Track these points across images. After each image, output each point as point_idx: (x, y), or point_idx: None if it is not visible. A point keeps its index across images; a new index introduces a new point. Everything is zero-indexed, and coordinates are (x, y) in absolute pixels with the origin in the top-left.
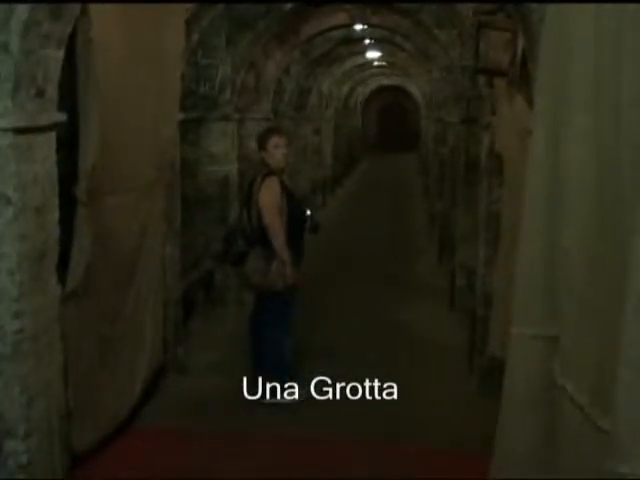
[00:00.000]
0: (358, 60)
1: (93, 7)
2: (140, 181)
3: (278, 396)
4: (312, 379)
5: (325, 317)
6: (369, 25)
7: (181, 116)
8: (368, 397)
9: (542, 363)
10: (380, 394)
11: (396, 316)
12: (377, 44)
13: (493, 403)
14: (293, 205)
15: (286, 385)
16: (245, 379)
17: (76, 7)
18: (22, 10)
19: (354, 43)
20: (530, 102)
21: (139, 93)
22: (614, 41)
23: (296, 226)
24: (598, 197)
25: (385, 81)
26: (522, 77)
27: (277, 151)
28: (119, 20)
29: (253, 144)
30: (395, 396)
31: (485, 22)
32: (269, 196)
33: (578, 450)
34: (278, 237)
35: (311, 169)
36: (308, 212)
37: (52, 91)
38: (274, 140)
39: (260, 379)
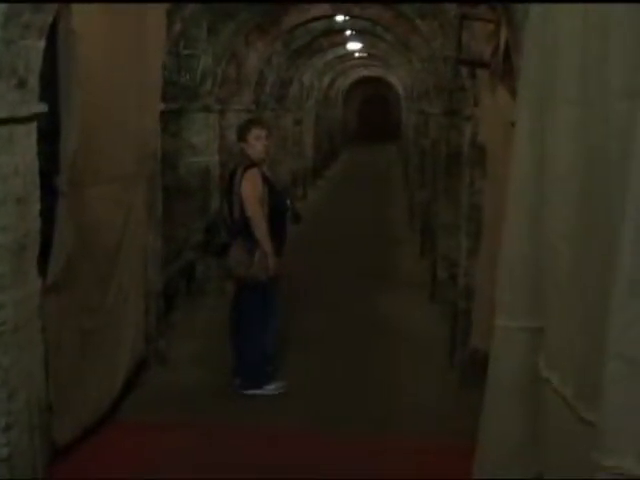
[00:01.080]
0: (339, 51)
1: None
2: (122, 172)
3: (259, 388)
4: (293, 371)
5: (306, 309)
6: (350, 16)
7: (162, 107)
8: (349, 390)
9: (527, 355)
10: (361, 386)
11: (377, 308)
12: (358, 35)
13: (475, 396)
14: (274, 196)
15: (267, 377)
16: (227, 371)
17: None
18: None
19: (335, 34)
20: (513, 94)
21: (120, 84)
22: (601, 31)
23: (278, 217)
24: (584, 191)
25: (366, 72)
26: (505, 68)
27: (258, 143)
28: (100, 10)
29: (234, 135)
30: (377, 389)
31: (468, 13)
32: (250, 188)
33: (563, 443)
34: (260, 228)
35: (292, 160)
36: (289, 203)
37: (33, 81)
38: (255, 132)
39: (241, 370)
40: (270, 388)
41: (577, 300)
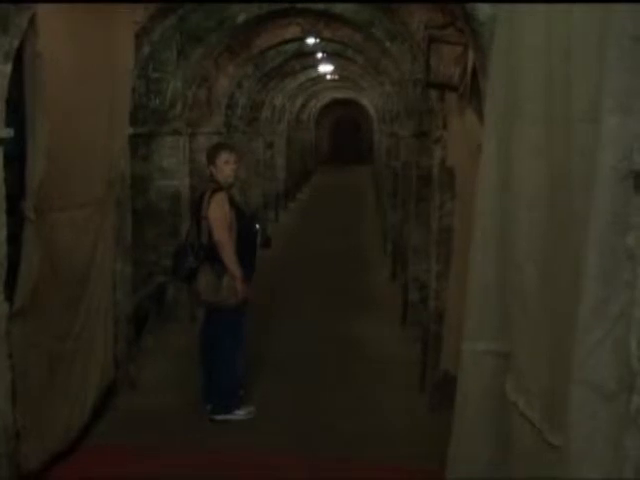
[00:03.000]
0: (311, 74)
1: (41, 20)
2: (90, 197)
3: (230, 413)
4: (263, 395)
5: (276, 333)
6: (321, 39)
7: (131, 130)
8: (319, 414)
9: (494, 379)
10: (331, 410)
11: (348, 331)
12: (329, 58)
13: (446, 419)
14: (243, 220)
15: (238, 401)
16: (197, 396)
17: (24, 20)
18: None
19: (306, 57)
20: (481, 116)
21: (88, 107)
22: (564, 55)
23: (247, 241)
24: (550, 212)
25: (338, 95)
26: (473, 91)
27: (226, 167)
28: (68, 34)
29: (204, 158)
30: (347, 412)
31: (436, 36)
32: (218, 212)
33: (530, 465)
34: (228, 252)
35: (264, 183)
36: (258, 227)
37: None
38: (223, 156)
39: (213, 396)
40: (241, 413)
41: (543, 323)
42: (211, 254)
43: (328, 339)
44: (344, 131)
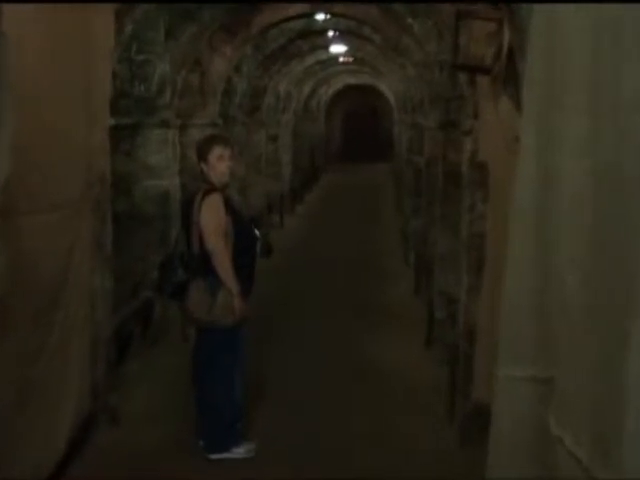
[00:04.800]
0: (320, 55)
1: None
2: (64, 198)
3: (227, 451)
4: (266, 429)
5: (281, 356)
6: (332, 15)
7: (113, 122)
8: (332, 450)
9: (534, 410)
10: (347, 446)
11: (364, 354)
12: (342, 37)
13: (478, 455)
14: (241, 226)
15: (236, 437)
16: (189, 430)
17: None
18: None
19: (315, 36)
20: (518, 104)
21: (62, 96)
22: (614, 37)
23: (245, 250)
24: (597, 215)
25: (352, 80)
26: (509, 74)
27: (220, 164)
28: (37, 12)
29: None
30: (365, 448)
31: (466, 11)
32: (211, 216)
33: None
34: (223, 264)
35: (266, 183)
36: (257, 233)
37: None
38: (217, 150)
39: (206, 430)
40: (239, 451)
41: (591, 344)
42: (204, 266)
43: (341, 363)
44: (359, 122)
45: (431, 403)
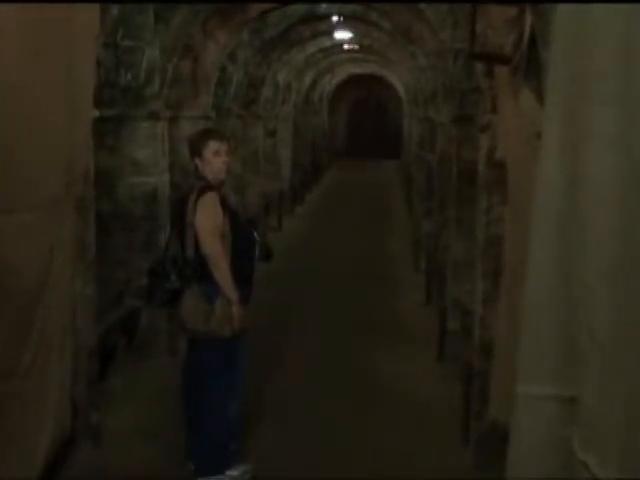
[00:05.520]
0: (324, 42)
1: None
2: (43, 197)
3: (220, 473)
4: (264, 450)
5: (280, 370)
6: None
7: (96, 114)
8: (338, 475)
9: (556, 431)
10: (353, 470)
11: (371, 369)
12: (347, 22)
13: (494, 479)
14: (238, 227)
15: (230, 458)
16: (178, 451)
17: None
18: None
19: (318, 21)
20: (541, 96)
21: (40, 85)
22: None
23: (243, 254)
24: (629, 217)
25: (358, 69)
26: (530, 65)
27: (216, 159)
28: None
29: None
30: (373, 473)
31: None
32: (207, 217)
33: None
34: (221, 269)
35: (264, 181)
36: (256, 236)
37: None
38: (212, 145)
39: (197, 451)
40: (233, 474)
41: (619, 360)
42: (199, 271)
43: (344, 379)
44: (365, 116)
45: (444, 422)
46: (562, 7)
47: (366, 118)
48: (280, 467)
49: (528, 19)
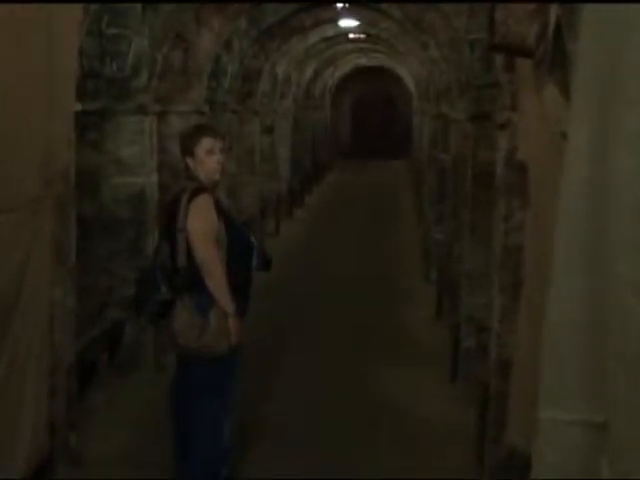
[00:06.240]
0: (327, 31)
1: None
2: (19, 198)
3: None
4: (258, 477)
5: (279, 388)
6: None
7: (79, 107)
8: None
9: (583, 460)
10: None
11: (376, 390)
12: (353, 9)
13: None
14: (234, 233)
15: None
16: (166, 475)
17: None
18: None
19: (321, 8)
20: (567, 92)
21: (20, 76)
22: None
23: (239, 262)
24: None
25: (364, 61)
26: (555, 57)
27: (210, 158)
28: None
29: (179, 147)
30: None
31: None
32: (201, 222)
33: None
34: (216, 278)
35: (260, 182)
36: (254, 242)
37: None
38: (205, 143)
39: (187, 475)
40: None
41: None
42: (192, 281)
43: (348, 401)
44: (371, 112)
45: (457, 449)
46: None
47: (372, 114)
48: None
49: (553, 7)
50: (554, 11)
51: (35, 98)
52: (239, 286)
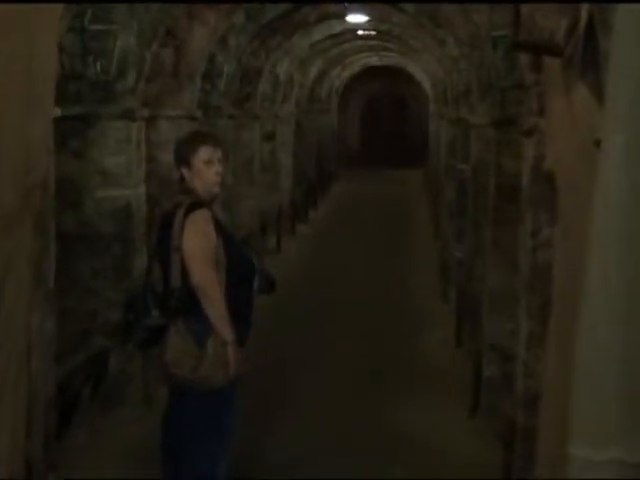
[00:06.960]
0: (333, 27)
1: None
2: None
3: None
4: None
5: (282, 423)
6: None
7: (59, 112)
8: None
9: None
10: None
11: (392, 421)
12: (362, 4)
13: None
14: (235, 253)
15: None
16: None
17: None
18: None
19: (328, 2)
20: (600, 95)
21: None
22: None
23: (240, 285)
24: None
25: (374, 60)
26: (587, 56)
27: (208, 169)
28: None
29: (170, 156)
30: None
31: None
32: (198, 240)
33: None
34: (214, 302)
35: (260, 194)
36: (255, 262)
37: None
38: (203, 152)
39: None
40: None
41: None
42: (186, 305)
43: (360, 437)
44: (382, 115)
45: None
46: None
47: (383, 118)
48: None
49: (585, 3)
50: (585, 5)
51: (10, 102)
52: (239, 311)
